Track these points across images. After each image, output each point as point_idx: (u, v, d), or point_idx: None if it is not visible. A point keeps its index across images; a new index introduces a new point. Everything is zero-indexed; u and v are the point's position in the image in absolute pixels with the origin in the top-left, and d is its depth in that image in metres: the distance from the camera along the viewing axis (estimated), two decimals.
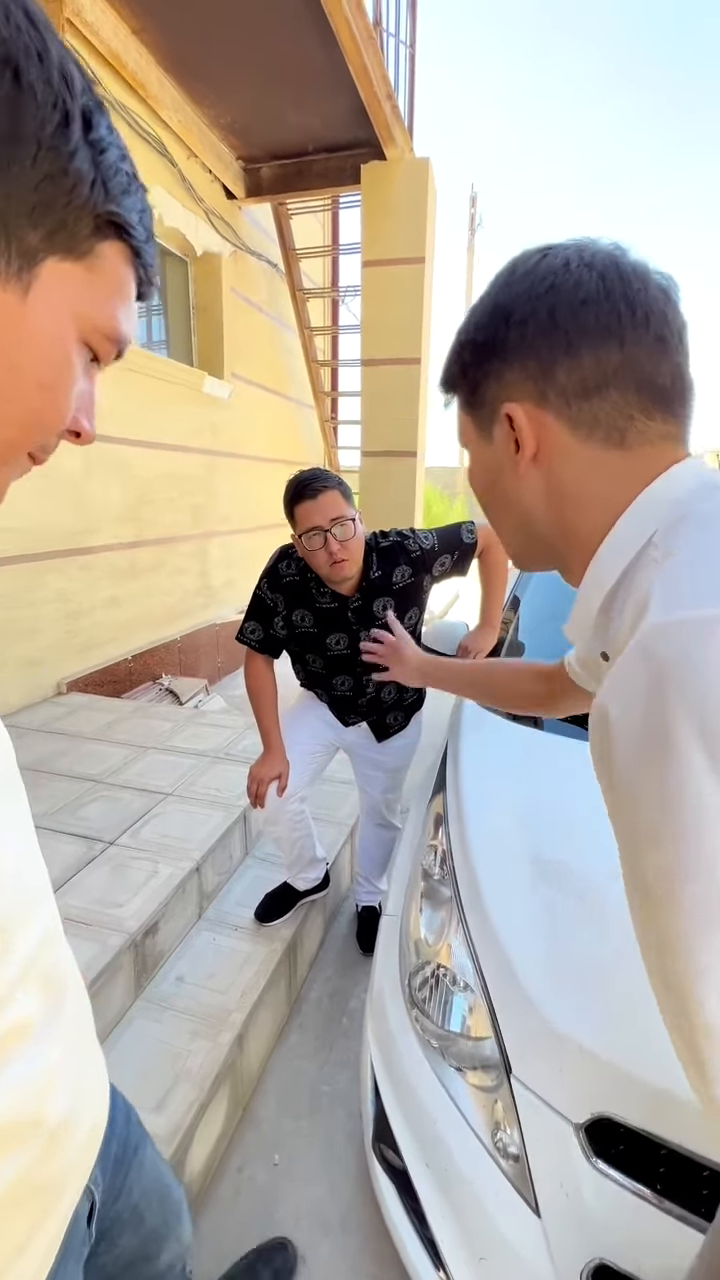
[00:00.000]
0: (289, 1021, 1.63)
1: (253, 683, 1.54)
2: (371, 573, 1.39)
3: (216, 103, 3.37)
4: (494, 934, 0.90)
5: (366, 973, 1.80)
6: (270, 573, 1.45)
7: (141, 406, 3.30)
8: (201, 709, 3.15)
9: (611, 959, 0.83)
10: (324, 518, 1.25)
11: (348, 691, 1.54)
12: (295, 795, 1.54)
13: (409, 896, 1.11)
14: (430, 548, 1.42)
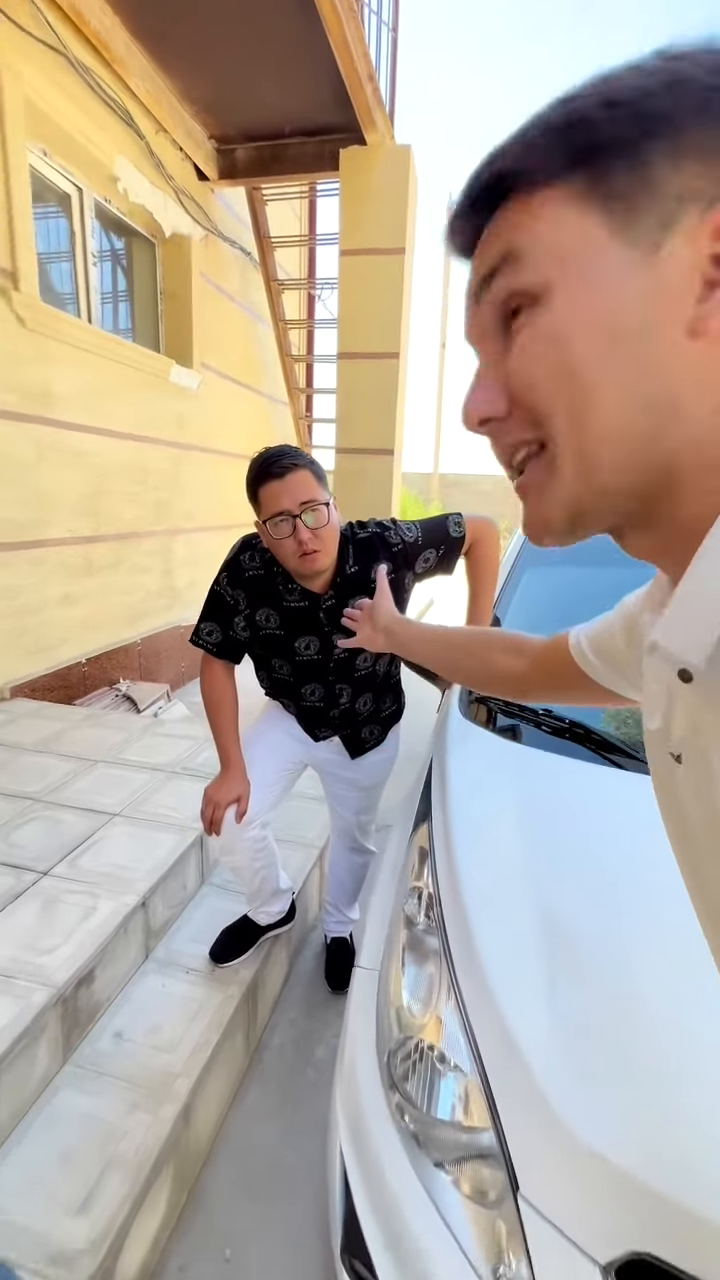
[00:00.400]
0: (247, 1076, 1.44)
1: (209, 692, 1.35)
2: (347, 567, 1.22)
3: (188, 74, 3.19)
4: (493, 1005, 0.74)
5: (336, 1013, 1.63)
6: (230, 566, 1.26)
7: (101, 392, 3.07)
8: (161, 717, 2.93)
9: (645, 1044, 0.67)
10: (293, 501, 1.08)
11: (318, 702, 1.37)
12: (256, 820, 1.35)
13: (389, 949, 0.93)
14: (413, 541, 1.26)
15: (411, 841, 1.05)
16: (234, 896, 1.73)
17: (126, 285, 3.77)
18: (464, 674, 0.82)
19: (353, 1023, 0.92)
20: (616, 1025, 0.70)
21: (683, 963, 0.73)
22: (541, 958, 0.77)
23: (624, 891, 0.84)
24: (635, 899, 0.82)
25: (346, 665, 1.31)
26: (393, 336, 3.73)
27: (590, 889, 0.85)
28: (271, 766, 1.41)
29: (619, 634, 0.56)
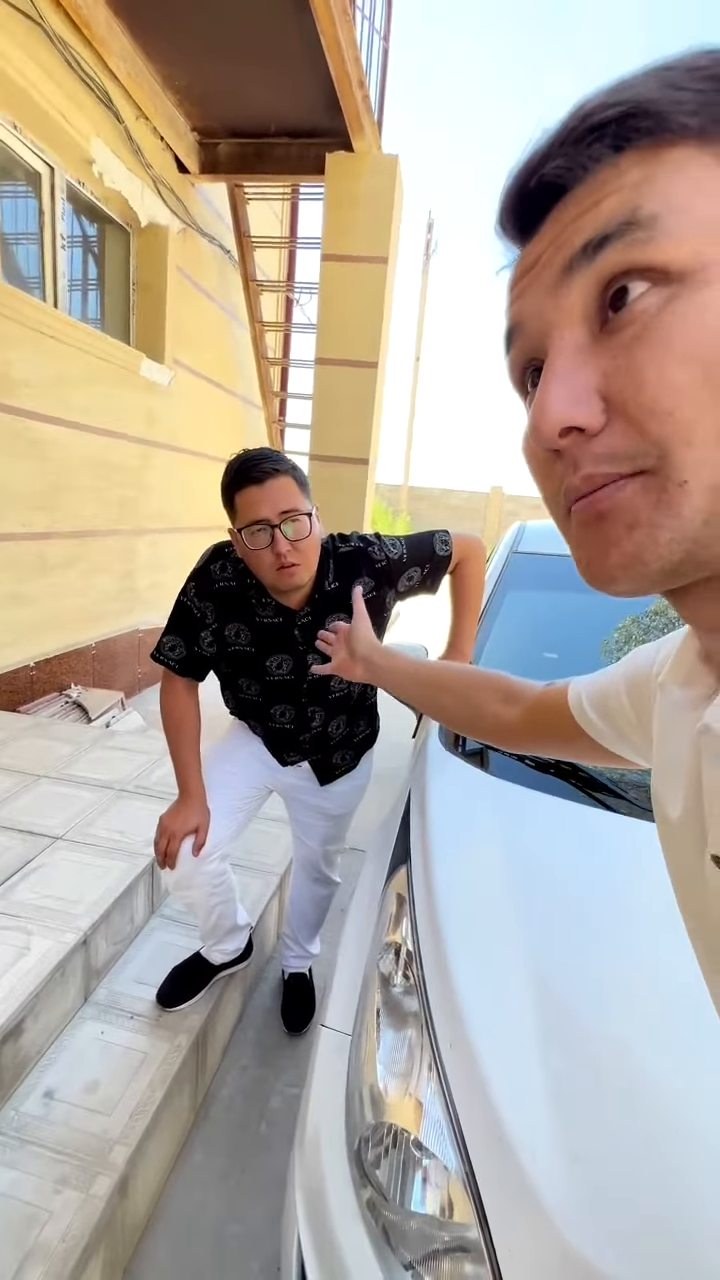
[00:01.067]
0: (192, 1133, 1.31)
1: (170, 712, 1.24)
2: (326, 583, 1.13)
3: (173, 61, 3.08)
4: (481, 1084, 0.65)
5: (291, 1059, 1.52)
6: (199, 576, 1.16)
7: (65, 381, 2.91)
8: (113, 728, 2.77)
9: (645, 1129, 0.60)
10: (272, 510, 0.99)
11: (288, 725, 1.27)
12: (215, 853, 1.24)
13: (361, 1012, 0.84)
14: (398, 558, 1.18)
15: (387, 889, 0.96)
16: (186, 929, 1.61)
17: (97, 274, 3.61)
18: (448, 716, 0.74)
19: (317, 1094, 0.82)
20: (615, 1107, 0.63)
21: (689, 1033, 0.66)
22: (535, 1029, 0.69)
23: (623, 951, 0.77)
24: (635, 960, 0.75)
25: (320, 686, 1.22)
26: (372, 345, 3.68)
27: (586, 948, 0.78)
28: (234, 792, 1.30)
29: (624, 694, 0.50)
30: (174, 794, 1.94)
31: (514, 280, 0.28)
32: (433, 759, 1.15)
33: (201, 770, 1.25)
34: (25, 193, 2.93)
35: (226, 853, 1.29)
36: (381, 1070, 0.73)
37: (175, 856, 1.17)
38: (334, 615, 1.15)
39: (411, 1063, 0.73)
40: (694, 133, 0.23)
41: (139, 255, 3.67)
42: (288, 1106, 1.40)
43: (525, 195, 0.27)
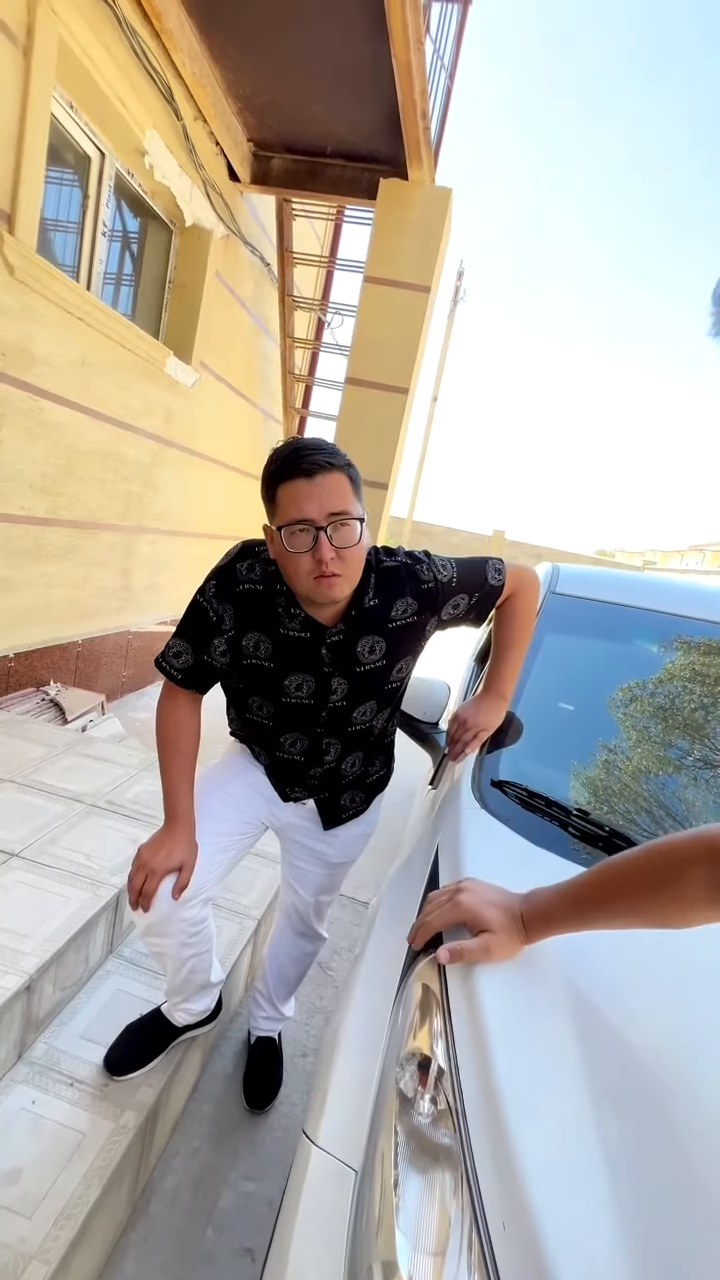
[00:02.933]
0: (126, 1233, 1.10)
1: (166, 724, 1.07)
2: (366, 599, 0.99)
3: (238, 67, 3.06)
4: (541, 1259, 0.48)
5: (250, 1144, 1.31)
6: (223, 574, 1.00)
7: (87, 365, 2.79)
8: (90, 733, 2.57)
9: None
10: (320, 510, 0.85)
11: (299, 756, 1.11)
12: (199, 896, 1.06)
13: (374, 1143, 0.66)
14: (447, 581, 1.04)
15: (409, 978, 0.79)
16: (147, 976, 1.41)
17: (134, 266, 3.54)
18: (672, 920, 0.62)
19: (299, 1250, 0.64)
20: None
21: None
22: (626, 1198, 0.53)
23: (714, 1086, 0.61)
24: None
25: (341, 716, 1.07)
26: (405, 371, 3.62)
27: (670, 1086, 0.62)
28: (226, 827, 1.13)
29: None
30: (151, 816, 1.77)
31: None
32: (467, 823, 0.99)
33: (193, 796, 1.08)
34: (72, 175, 2.86)
35: (211, 896, 1.11)
36: (403, 1242, 0.56)
37: (152, 897, 1.00)
38: (369, 637, 1.01)
39: (446, 1236, 0.55)
40: None
41: (179, 254, 3.62)
42: (241, 1208, 1.19)
43: None
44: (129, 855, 1.55)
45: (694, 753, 1.26)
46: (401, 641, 1.04)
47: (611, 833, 0.97)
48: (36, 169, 2.28)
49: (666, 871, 0.60)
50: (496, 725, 1.15)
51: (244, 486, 4.99)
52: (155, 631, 3.90)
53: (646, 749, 1.27)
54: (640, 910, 0.63)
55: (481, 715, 1.15)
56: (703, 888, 0.56)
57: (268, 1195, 1.22)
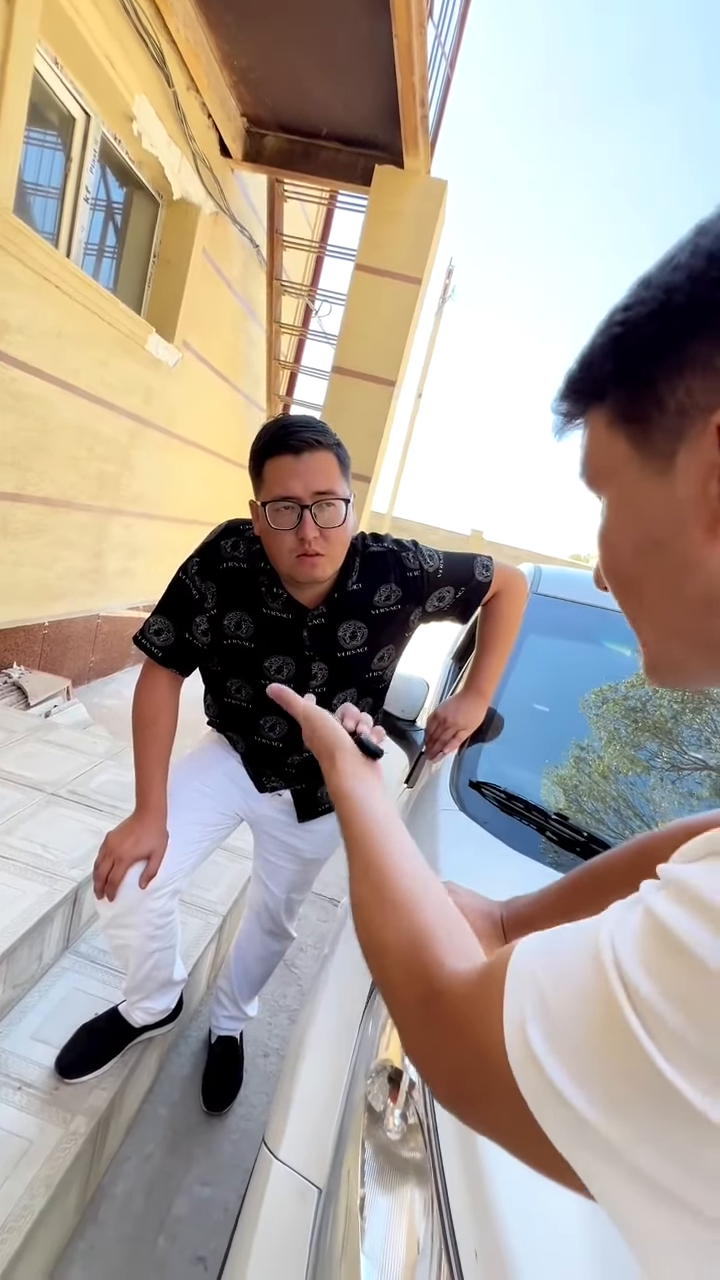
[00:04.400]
0: (74, 1241, 1.05)
1: (143, 706, 1.04)
2: (349, 583, 0.98)
3: (235, 38, 2.96)
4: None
5: (207, 1148, 1.27)
6: (206, 551, 0.99)
7: (64, 336, 2.68)
8: (54, 719, 2.48)
9: None
10: (306, 488, 0.85)
11: (276, 741, 1.08)
12: (167, 888, 1.03)
13: (339, 1162, 0.63)
14: (433, 571, 1.03)
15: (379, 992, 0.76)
16: (105, 974, 1.35)
17: (117, 238, 3.41)
18: None
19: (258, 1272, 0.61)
20: None
21: None
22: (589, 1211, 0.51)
23: None
24: None
25: (321, 702, 1.02)
26: (393, 363, 3.58)
27: None
28: (199, 816, 1.10)
29: None
30: (116, 808, 1.71)
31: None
32: (444, 820, 0.96)
33: (167, 784, 1.04)
34: (55, 136, 2.74)
35: (180, 889, 1.07)
36: (368, 1266, 0.53)
37: (118, 886, 0.96)
38: (350, 622, 0.99)
39: (414, 1262, 0.52)
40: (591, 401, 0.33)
41: (165, 228, 3.50)
42: (194, 1214, 1.15)
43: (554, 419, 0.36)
44: (90, 848, 1.49)
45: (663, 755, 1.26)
46: (384, 629, 1.02)
47: (589, 838, 0.95)
48: (16, 123, 2.17)
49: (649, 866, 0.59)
50: (476, 724, 1.13)
51: (224, 472, 4.89)
52: (126, 616, 3.80)
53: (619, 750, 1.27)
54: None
55: (462, 714, 1.12)
56: None
57: (224, 1200, 1.18)
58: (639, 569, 0.32)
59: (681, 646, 0.32)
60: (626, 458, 0.32)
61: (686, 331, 0.28)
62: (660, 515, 0.30)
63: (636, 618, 0.34)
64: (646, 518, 0.31)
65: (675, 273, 0.29)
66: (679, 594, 0.31)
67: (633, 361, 0.30)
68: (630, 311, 0.31)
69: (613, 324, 0.32)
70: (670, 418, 0.29)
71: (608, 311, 0.32)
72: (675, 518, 0.30)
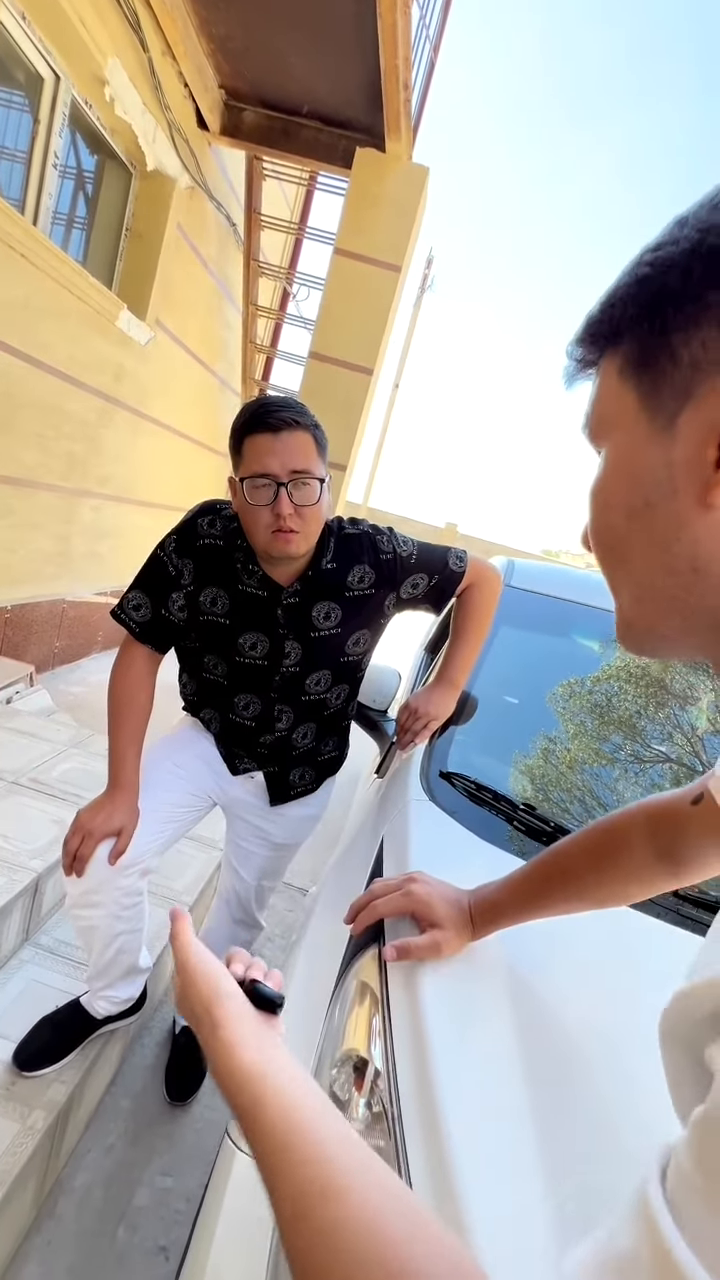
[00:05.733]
0: (30, 1235, 1.03)
1: (119, 684, 1.04)
2: (324, 561, 0.99)
3: (214, 3, 2.87)
4: None
5: (169, 1138, 1.26)
6: (184, 529, 1.01)
7: (29, 308, 2.57)
8: (15, 705, 2.41)
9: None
10: (282, 466, 0.87)
11: (249, 720, 1.08)
12: (136, 866, 1.02)
13: None
14: (407, 556, 1.04)
15: (346, 976, 0.76)
16: (65, 966, 1.33)
17: (88, 208, 3.29)
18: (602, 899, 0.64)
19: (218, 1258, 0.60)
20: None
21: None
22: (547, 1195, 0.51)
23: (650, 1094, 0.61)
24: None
25: (295, 683, 1.05)
26: (370, 351, 3.55)
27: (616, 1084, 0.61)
28: (171, 796, 1.09)
29: None
30: (79, 797, 1.67)
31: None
32: (414, 810, 0.96)
33: (140, 761, 1.04)
34: (21, 96, 2.61)
35: (149, 868, 1.07)
36: None
37: (86, 861, 0.96)
38: (325, 603, 1.00)
39: None
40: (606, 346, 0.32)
41: (138, 200, 3.39)
42: (156, 1205, 1.14)
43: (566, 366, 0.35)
44: (52, 837, 1.46)
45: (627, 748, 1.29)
46: (358, 613, 1.03)
47: (556, 828, 0.96)
48: None
49: (609, 846, 0.63)
50: (447, 714, 1.13)
51: (197, 457, 4.80)
52: (93, 602, 3.71)
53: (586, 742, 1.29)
54: (586, 890, 0.64)
55: (433, 704, 1.12)
56: (646, 855, 0.59)
57: (185, 1190, 1.18)
58: (628, 529, 0.32)
59: (659, 611, 0.32)
60: (633, 410, 0.31)
61: (710, 278, 0.27)
62: (655, 476, 0.30)
63: (616, 579, 0.34)
64: (642, 477, 0.30)
65: (715, 212, 0.27)
66: (663, 557, 0.30)
67: (653, 306, 0.29)
68: (659, 252, 0.29)
69: (641, 264, 0.30)
70: (682, 371, 0.28)
71: (639, 250, 0.31)
72: (669, 480, 0.29)
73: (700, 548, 0.29)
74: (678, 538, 0.29)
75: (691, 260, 0.27)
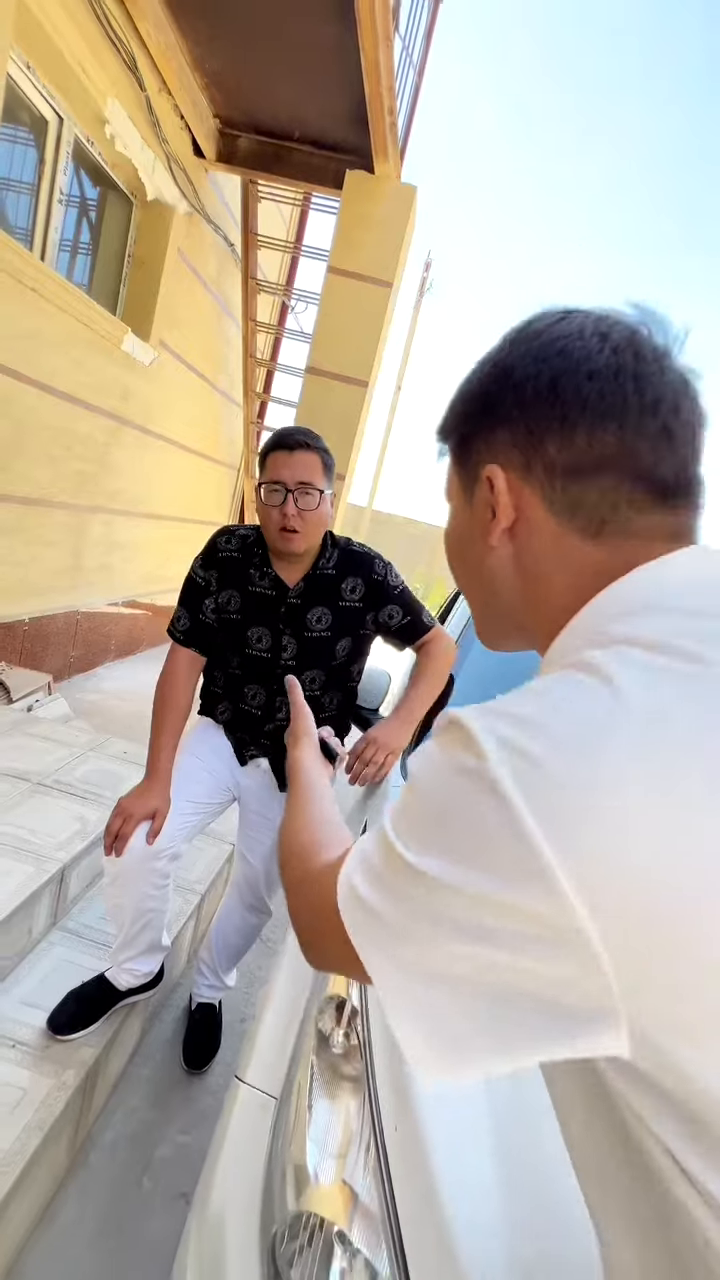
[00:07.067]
0: (65, 1183, 1.16)
1: (165, 685, 1.22)
2: (325, 562, 1.18)
3: (207, 43, 3.01)
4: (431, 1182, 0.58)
5: (186, 1101, 1.39)
6: (208, 550, 1.22)
7: (40, 337, 2.73)
8: (36, 713, 2.56)
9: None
10: (291, 476, 1.10)
11: (256, 709, 1.25)
12: (168, 850, 1.17)
13: (292, 1075, 0.75)
14: (393, 587, 1.22)
15: None
16: (90, 948, 1.46)
17: (92, 238, 3.45)
18: None
19: (226, 1163, 0.72)
20: (577, 1214, 0.57)
21: None
22: (493, 1114, 0.63)
23: None
24: None
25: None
26: (365, 364, 3.67)
27: None
28: (199, 789, 1.25)
29: None
30: (100, 796, 1.81)
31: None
32: (396, 795, 1.08)
33: (174, 756, 1.21)
34: (28, 136, 2.77)
35: (178, 853, 1.21)
36: (312, 1149, 0.65)
37: (127, 840, 1.11)
38: (320, 607, 1.18)
39: (348, 1142, 0.65)
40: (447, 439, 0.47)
41: (139, 228, 3.54)
42: (176, 1158, 1.27)
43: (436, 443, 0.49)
44: (74, 832, 1.59)
45: None
46: (345, 622, 1.20)
47: None
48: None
49: None
50: (400, 746, 1.19)
51: (202, 469, 4.95)
52: (106, 612, 3.86)
53: None
54: None
55: (393, 737, 1.18)
56: None
57: (202, 1145, 1.28)
58: (458, 560, 0.48)
59: (489, 616, 0.48)
60: (455, 486, 0.47)
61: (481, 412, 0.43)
62: (466, 528, 0.46)
63: (466, 595, 0.49)
64: (460, 528, 0.46)
65: (481, 368, 0.44)
66: (479, 579, 0.46)
67: (460, 424, 0.45)
68: (463, 386, 0.45)
69: (459, 390, 0.46)
70: (471, 465, 0.44)
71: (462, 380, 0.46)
72: (471, 531, 0.45)
73: (493, 573, 0.44)
74: (486, 565, 0.44)
75: (471, 397, 0.44)
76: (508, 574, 0.43)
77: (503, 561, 0.43)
